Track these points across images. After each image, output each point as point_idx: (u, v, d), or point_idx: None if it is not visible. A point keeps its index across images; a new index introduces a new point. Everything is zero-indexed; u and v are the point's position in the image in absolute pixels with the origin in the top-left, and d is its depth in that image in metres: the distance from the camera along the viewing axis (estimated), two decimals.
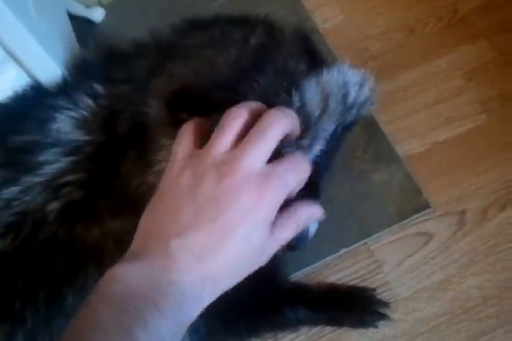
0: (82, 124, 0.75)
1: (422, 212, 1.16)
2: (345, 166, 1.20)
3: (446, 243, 1.15)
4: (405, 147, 1.25)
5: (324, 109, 0.71)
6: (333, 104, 0.72)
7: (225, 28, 0.81)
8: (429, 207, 1.16)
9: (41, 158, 0.73)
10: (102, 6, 1.41)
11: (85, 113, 0.75)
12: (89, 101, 0.76)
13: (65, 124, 0.74)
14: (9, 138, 0.76)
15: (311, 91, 0.71)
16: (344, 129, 0.79)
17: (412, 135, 1.26)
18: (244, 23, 0.85)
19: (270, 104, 0.63)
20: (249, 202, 0.52)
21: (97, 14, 1.37)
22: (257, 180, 0.53)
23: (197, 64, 0.75)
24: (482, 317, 1.08)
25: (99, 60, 0.85)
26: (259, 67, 0.71)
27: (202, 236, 0.51)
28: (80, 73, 0.84)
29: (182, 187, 0.54)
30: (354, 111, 0.78)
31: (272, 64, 0.72)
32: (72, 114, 0.75)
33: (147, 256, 0.51)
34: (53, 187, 0.73)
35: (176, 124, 0.65)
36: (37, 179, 0.72)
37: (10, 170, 0.74)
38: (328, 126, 0.73)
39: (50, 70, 0.91)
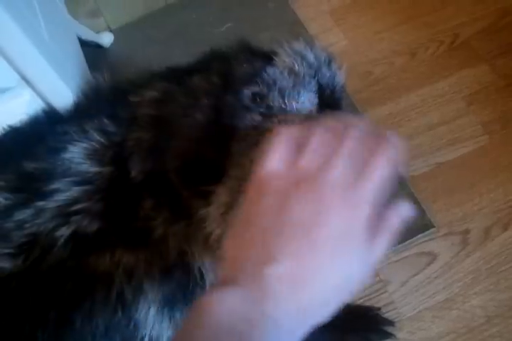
0: (93, 156, 0.76)
1: (426, 232, 1.18)
2: None
3: (450, 263, 1.16)
4: (409, 168, 1.27)
5: (295, 77, 0.75)
6: (299, 69, 0.76)
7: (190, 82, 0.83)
8: (433, 227, 1.18)
9: (53, 186, 0.75)
10: (110, 31, 1.46)
11: (97, 145, 0.78)
12: (100, 136, 0.79)
13: (76, 155, 0.76)
14: (22, 163, 0.78)
15: (275, 73, 0.75)
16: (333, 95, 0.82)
17: (415, 156, 1.29)
18: (200, 68, 0.86)
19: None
20: (342, 221, 0.47)
21: (106, 39, 1.41)
22: (343, 194, 0.48)
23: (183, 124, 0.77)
24: (486, 337, 1.09)
25: (109, 95, 0.87)
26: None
27: (296, 265, 0.46)
28: (91, 105, 0.86)
29: (267, 212, 0.48)
30: (325, 71, 0.80)
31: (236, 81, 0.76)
32: (84, 145, 0.77)
33: (239, 287, 0.46)
34: (64, 213, 0.74)
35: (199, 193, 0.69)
36: (49, 205, 0.74)
37: (23, 194, 0.77)
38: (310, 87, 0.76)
39: (63, 94, 0.95)
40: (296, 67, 0.78)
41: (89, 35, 1.37)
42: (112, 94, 0.86)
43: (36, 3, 1.02)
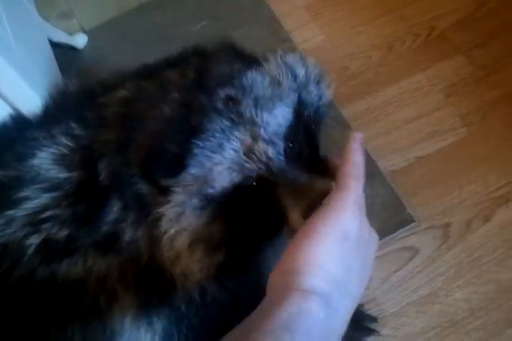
0: (61, 161, 0.76)
1: (407, 227, 1.18)
2: None
3: (432, 257, 1.16)
4: (388, 162, 1.27)
5: (276, 88, 0.74)
6: (283, 81, 0.76)
7: (163, 76, 0.82)
8: (414, 221, 1.18)
9: (22, 193, 0.74)
10: (84, 32, 1.44)
11: (65, 150, 0.77)
12: (68, 140, 0.77)
13: (45, 161, 0.75)
14: None
15: (255, 79, 0.74)
16: (316, 114, 0.81)
17: (394, 150, 1.28)
18: (177, 63, 0.85)
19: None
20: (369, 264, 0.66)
21: (80, 40, 1.40)
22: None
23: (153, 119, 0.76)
24: (470, 330, 1.09)
25: (76, 98, 0.86)
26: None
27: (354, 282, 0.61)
28: (59, 109, 0.85)
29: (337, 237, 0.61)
30: (312, 89, 0.79)
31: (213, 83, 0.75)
32: (52, 150, 0.76)
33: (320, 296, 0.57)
34: (34, 221, 0.73)
35: (161, 189, 0.69)
36: (19, 213, 0.73)
37: None
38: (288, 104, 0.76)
39: (31, 100, 0.93)
40: (281, 78, 0.77)
41: (62, 38, 1.35)
42: (80, 96, 0.85)
43: (2, 10, 1.00)
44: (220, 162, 0.69)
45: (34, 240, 0.73)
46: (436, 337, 1.09)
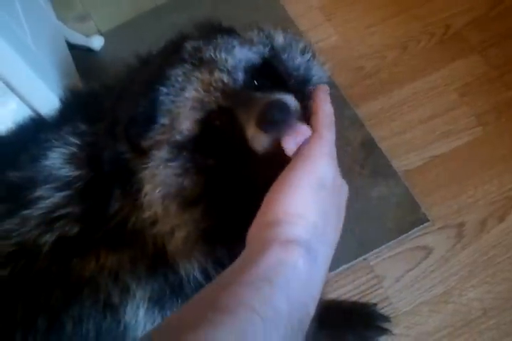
0: (71, 160, 0.78)
1: (421, 226, 1.18)
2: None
3: (446, 256, 1.16)
4: (403, 162, 1.27)
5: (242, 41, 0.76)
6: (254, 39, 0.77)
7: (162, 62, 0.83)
8: (428, 221, 1.18)
9: (36, 193, 0.77)
10: (101, 34, 1.46)
11: (74, 149, 0.79)
12: (76, 139, 0.80)
13: (56, 161, 0.78)
14: (7, 173, 0.80)
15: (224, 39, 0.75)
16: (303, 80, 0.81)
17: (409, 150, 1.28)
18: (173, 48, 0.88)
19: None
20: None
21: (97, 42, 1.42)
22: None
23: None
24: (483, 329, 1.09)
25: (83, 99, 0.89)
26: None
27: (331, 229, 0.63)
28: (67, 110, 0.88)
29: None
30: (294, 55, 0.80)
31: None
32: (63, 150, 0.79)
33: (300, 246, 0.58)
34: (48, 220, 0.76)
35: (142, 153, 0.71)
36: (33, 212, 0.76)
37: (9, 204, 0.78)
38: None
39: (49, 101, 0.95)
40: (254, 38, 0.78)
41: (79, 40, 1.38)
42: (87, 98, 0.87)
43: (21, 12, 1.03)
44: (184, 104, 0.70)
45: (48, 238, 0.76)
46: (449, 337, 1.09)
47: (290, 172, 0.62)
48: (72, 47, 1.34)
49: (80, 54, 1.38)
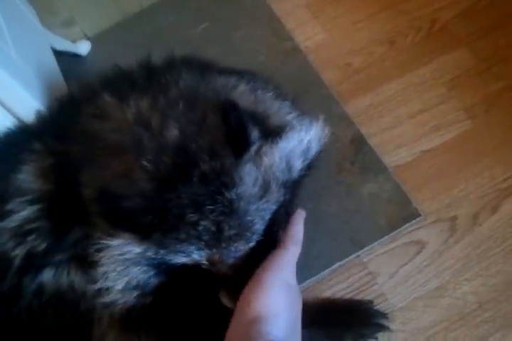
0: (43, 174, 0.78)
1: (413, 221, 1.18)
2: (333, 180, 1.22)
3: (439, 250, 1.16)
4: (393, 157, 1.27)
5: (266, 186, 0.74)
6: (277, 174, 0.75)
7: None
8: (420, 216, 1.18)
9: (8, 206, 0.77)
10: (87, 39, 1.46)
11: (46, 163, 0.79)
12: (47, 154, 0.80)
13: (28, 174, 0.78)
14: None
15: (245, 181, 0.72)
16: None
17: (398, 145, 1.28)
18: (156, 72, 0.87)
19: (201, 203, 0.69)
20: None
21: (83, 47, 1.41)
22: None
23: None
24: (479, 323, 1.09)
25: (59, 110, 0.88)
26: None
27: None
28: (42, 124, 0.88)
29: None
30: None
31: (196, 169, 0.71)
32: (35, 164, 0.79)
33: None
34: (20, 233, 0.76)
35: (108, 217, 0.69)
36: (7, 225, 0.76)
37: None
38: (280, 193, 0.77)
39: (33, 110, 0.95)
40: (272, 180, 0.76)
41: (65, 45, 1.37)
42: (61, 112, 0.87)
43: (3, 21, 1.02)
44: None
45: (19, 251, 0.76)
46: (445, 331, 1.09)
47: (262, 276, 0.71)
48: (58, 53, 1.34)
49: (66, 60, 1.38)
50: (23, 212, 0.77)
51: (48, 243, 0.76)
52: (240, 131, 0.70)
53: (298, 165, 0.78)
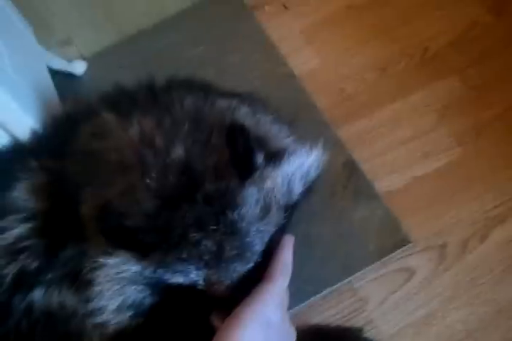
0: (37, 192, 0.78)
1: (403, 248, 1.18)
2: (325, 204, 1.23)
3: (429, 278, 1.16)
4: (384, 183, 1.28)
5: (267, 208, 0.75)
6: (278, 196, 0.76)
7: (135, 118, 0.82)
8: (410, 242, 1.18)
9: (2, 223, 0.77)
10: (84, 58, 1.47)
11: (41, 181, 0.79)
12: (43, 172, 0.80)
13: (22, 192, 0.78)
14: None
15: (248, 202, 0.72)
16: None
17: (390, 171, 1.29)
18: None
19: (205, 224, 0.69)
20: None
21: (79, 67, 1.42)
22: None
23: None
24: None
25: (52, 133, 0.89)
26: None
27: None
28: (37, 143, 0.88)
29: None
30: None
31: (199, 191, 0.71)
32: (29, 181, 0.79)
33: None
34: (12, 251, 0.76)
35: (109, 236, 0.69)
36: (0, 243, 0.76)
37: None
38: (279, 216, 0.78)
39: (28, 129, 0.95)
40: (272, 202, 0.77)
41: (61, 65, 1.38)
42: (57, 130, 0.87)
43: (0, 39, 1.02)
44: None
45: (11, 269, 0.76)
46: None
47: (242, 311, 0.69)
48: (54, 72, 1.34)
49: (62, 79, 1.38)
50: (16, 230, 0.76)
51: (40, 261, 0.76)
52: (247, 156, 0.71)
53: (298, 188, 0.79)
